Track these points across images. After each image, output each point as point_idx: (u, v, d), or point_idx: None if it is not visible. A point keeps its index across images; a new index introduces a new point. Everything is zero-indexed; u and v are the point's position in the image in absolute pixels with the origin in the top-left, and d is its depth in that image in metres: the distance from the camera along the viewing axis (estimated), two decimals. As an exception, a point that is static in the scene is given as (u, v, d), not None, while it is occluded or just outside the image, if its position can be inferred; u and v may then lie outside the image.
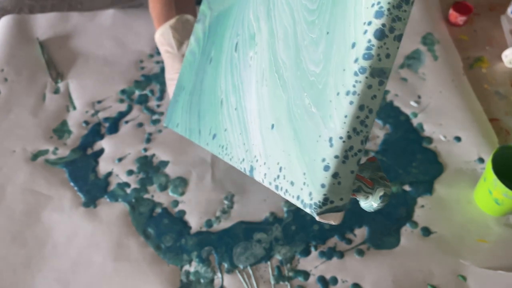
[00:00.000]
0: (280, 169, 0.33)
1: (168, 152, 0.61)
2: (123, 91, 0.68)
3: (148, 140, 0.62)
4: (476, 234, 0.53)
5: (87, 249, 0.51)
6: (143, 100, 0.67)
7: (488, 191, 0.52)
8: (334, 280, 0.49)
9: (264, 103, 0.37)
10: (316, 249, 0.52)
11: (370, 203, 0.32)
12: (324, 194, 0.29)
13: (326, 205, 0.29)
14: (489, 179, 0.51)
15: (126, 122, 0.64)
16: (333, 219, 0.30)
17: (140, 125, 0.64)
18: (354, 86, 0.28)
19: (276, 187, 0.34)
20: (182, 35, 0.60)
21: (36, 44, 0.74)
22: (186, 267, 0.50)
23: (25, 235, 0.52)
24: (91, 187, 0.57)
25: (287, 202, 0.55)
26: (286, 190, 0.32)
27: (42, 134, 0.62)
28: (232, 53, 0.42)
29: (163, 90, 0.68)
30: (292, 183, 0.32)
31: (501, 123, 0.64)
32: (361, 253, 0.51)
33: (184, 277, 0.50)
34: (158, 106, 0.66)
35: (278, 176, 0.34)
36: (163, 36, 0.60)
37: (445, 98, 0.66)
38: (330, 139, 0.29)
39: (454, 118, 0.64)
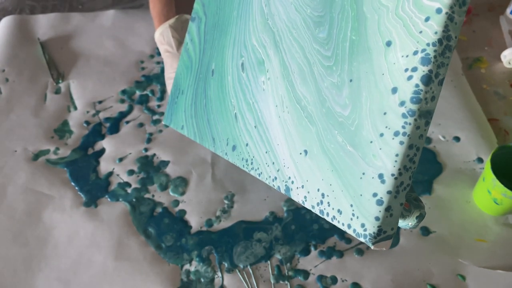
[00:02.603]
0: (323, 195, 0.35)
1: (169, 152, 0.61)
2: (123, 92, 0.68)
3: (149, 140, 0.62)
4: (475, 234, 0.53)
5: (88, 249, 0.51)
6: (144, 100, 0.67)
7: (487, 191, 0.52)
8: (334, 279, 0.49)
9: (289, 129, 0.38)
10: (315, 248, 0.52)
11: (406, 223, 0.34)
12: (379, 226, 0.32)
13: (380, 235, 0.32)
14: (488, 179, 0.51)
15: (127, 122, 0.64)
16: (385, 246, 0.33)
17: (141, 125, 0.64)
18: (403, 127, 0.30)
19: (321, 212, 0.35)
20: (181, 34, 0.60)
21: (37, 45, 0.74)
22: (187, 267, 0.51)
23: (26, 235, 0.52)
24: (92, 187, 0.57)
25: (287, 201, 0.56)
26: (334, 217, 0.34)
27: (43, 134, 0.63)
28: (239, 73, 0.44)
29: (163, 91, 0.68)
30: (339, 212, 0.34)
31: (500, 123, 0.64)
32: (360, 252, 0.51)
33: (184, 276, 0.50)
34: (159, 106, 0.66)
35: (322, 202, 0.35)
36: (162, 35, 0.60)
37: (444, 98, 0.66)
38: (381, 176, 0.31)
39: (453, 118, 0.64)
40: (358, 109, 0.33)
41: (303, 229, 0.53)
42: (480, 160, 0.59)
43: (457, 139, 0.62)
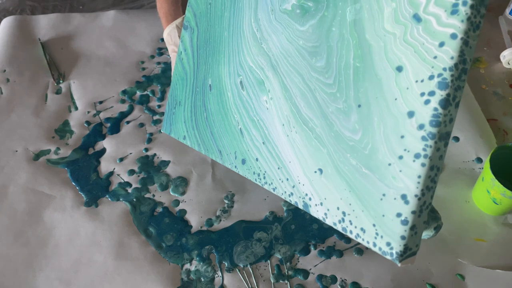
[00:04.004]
0: (344, 213, 0.35)
1: (169, 152, 0.61)
2: (124, 92, 0.68)
3: (149, 140, 0.62)
4: (474, 233, 0.53)
5: (89, 248, 0.52)
6: (144, 100, 0.67)
7: (486, 190, 0.52)
8: (334, 279, 0.50)
9: (299, 148, 0.38)
10: (315, 248, 0.52)
11: (425, 234, 0.36)
12: (405, 245, 0.32)
13: (406, 253, 0.33)
14: (487, 179, 0.51)
15: (127, 122, 0.65)
16: (410, 262, 0.34)
17: (141, 125, 0.64)
18: (424, 150, 0.31)
19: (344, 229, 0.36)
20: None
21: (38, 45, 0.74)
22: (187, 266, 0.51)
23: (27, 234, 0.53)
24: (93, 186, 0.57)
25: (286, 201, 0.56)
26: (358, 235, 0.35)
27: (44, 134, 0.63)
28: (239, 90, 0.44)
29: (164, 91, 0.68)
30: (363, 230, 0.34)
31: (499, 123, 0.65)
32: (360, 252, 0.52)
33: (184, 275, 0.50)
34: (159, 106, 0.67)
35: (343, 220, 0.35)
36: (170, 35, 0.60)
37: (443, 98, 0.66)
38: (404, 197, 0.32)
39: (452, 119, 0.64)
40: (371, 134, 0.33)
41: (303, 228, 0.54)
42: (479, 160, 0.60)
43: (456, 139, 0.62)
